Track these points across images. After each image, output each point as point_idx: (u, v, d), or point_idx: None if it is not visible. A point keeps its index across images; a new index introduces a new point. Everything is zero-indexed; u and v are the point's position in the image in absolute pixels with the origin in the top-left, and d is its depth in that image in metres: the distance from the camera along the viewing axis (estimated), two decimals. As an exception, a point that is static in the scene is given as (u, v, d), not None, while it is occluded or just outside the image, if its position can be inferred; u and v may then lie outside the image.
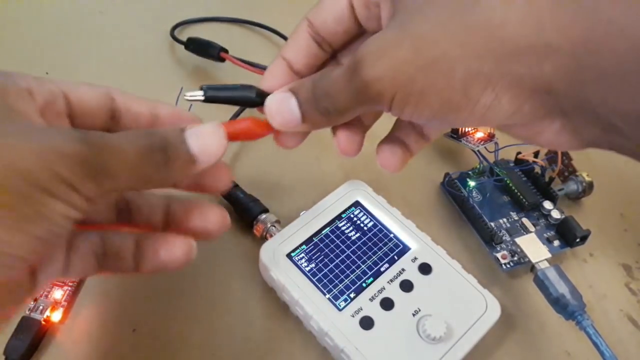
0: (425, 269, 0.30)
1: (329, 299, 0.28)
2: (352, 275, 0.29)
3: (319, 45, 0.25)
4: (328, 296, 0.28)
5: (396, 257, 0.30)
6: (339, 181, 0.34)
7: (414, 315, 0.28)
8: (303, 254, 0.30)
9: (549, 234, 0.35)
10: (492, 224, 0.35)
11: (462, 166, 0.39)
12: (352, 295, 0.28)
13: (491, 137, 0.38)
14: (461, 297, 0.29)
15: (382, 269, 0.30)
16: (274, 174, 0.37)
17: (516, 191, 0.36)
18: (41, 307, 0.28)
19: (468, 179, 0.37)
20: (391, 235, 0.31)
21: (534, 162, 0.37)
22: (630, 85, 0.16)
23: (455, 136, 0.38)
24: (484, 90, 0.19)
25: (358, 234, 0.31)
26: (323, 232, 0.31)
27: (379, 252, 0.30)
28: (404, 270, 0.30)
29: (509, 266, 0.33)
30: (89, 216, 0.23)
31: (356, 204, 0.32)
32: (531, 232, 0.34)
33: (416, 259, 0.30)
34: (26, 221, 0.17)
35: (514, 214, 0.36)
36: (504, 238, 0.34)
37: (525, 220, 0.35)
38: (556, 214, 0.35)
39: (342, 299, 0.28)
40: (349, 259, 0.30)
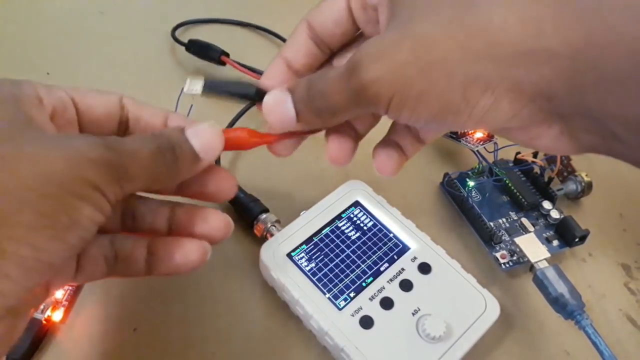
0: (424, 268, 0.30)
1: (328, 298, 0.28)
2: (352, 275, 0.29)
3: (317, 46, 0.25)
4: (328, 295, 0.28)
5: (396, 257, 0.30)
6: (339, 181, 0.34)
7: (413, 314, 0.28)
8: (303, 254, 0.30)
9: (548, 233, 0.35)
10: (492, 223, 0.35)
11: (461, 166, 0.39)
12: (352, 295, 0.28)
13: (490, 137, 0.38)
14: (460, 297, 0.29)
15: (382, 268, 0.30)
16: (274, 173, 0.37)
17: (515, 191, 0.36)
18: (42, 307, 0.28)
19: (467, 179, 0.37)
20: (391, 235, 0.31)
21: (533, 162, 0.37)
22: (629, 91, 0.16)
23: (454, 136, 0.38)
24: (483, 94, 0.19)
25: (358, 234, 0.31)
26: (323, 231, 0.31)
27: (379, 252, 0.30)
28: (403, 269, 0.30)
29: (508, 266, 0.33)
30: None
31: (356, 203, 0.33)
32: (530, 231, 0.34)
33: (416, 258, 0.30)
34: (63, 229, 0.17)
35: (513, 214, 0.36)
36: (503, 238, 0.34)
37: (525, 220, 0.35)
38: (555, 214, 0.35)
39: (342, 298, 0.28)
40: (348, 259, 0.30)
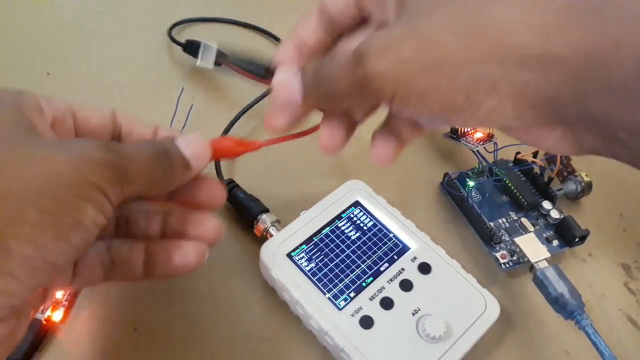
0: (424, 268, 0.30)
1: (328, 298, 0.28)
2: (352, 275, 0.29)
3: (328, 27, 0.25)
4: (328, 295, 0.28)
5: (396, 257, 0.30)
6: (339, 181, 0.34)
7: (413, 314, 0.28)
8: (303, 254, 0.30)
9: (548, 233, 0.35)
10: (492, 223, 0.35)
11: (461, 166, 0.39)
12: (352, 295, 0.28)
13: (490, 137, 0.38)
14: (460, 297, 0.29)
15: (382, 268, 0.30)
16: (274, 174, 0.37)
17: (515, 191, 0.36)
18: (42, 307, 0.28)
19: (467, 179, 0.37)
20: (391, 235, 0.31)
21: (533, 162, 0.37)
22: (633, 98, 0.17)
23: (454, 136, 0.38)
24: (488, 96, 0.19)
25: (358, 234, 0.31)
26: (323, 231, 0.31)
27: (379, 252, 0.30)
28: (403, 269, 0.30)
29: (508, 266, 0.33)
30: None
31: (356, 203, 0.33)
32: (530, 231, 0.34)
33: (416, 258, 0.30)
34: (66, 229, 0.18)
35: (513, 214, 0.36)
36: (503, 238, 0.34)
37: (525, 220, 0.35)
38: (555, 214, 0.35)
39: (342, 298, 0.28)
40: (348, 259, 0.30)
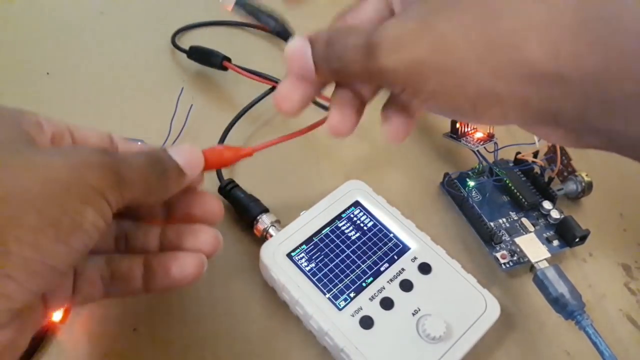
0: (425, 268, 0.30)
1: (328, 298, 0.28)
2: (352, 275, 0.29)
3: None
4: (328, 296, 0.28)
5: (396, 257, 0.30)
6: (339, 181, 0.34)
7: (413, 314, 0.28)
8: (303, 254, 0.30)
9: (548, 233, 0.35)
10: (492, 223, 0.35)
11: (461, 166, 0.39)
12: (352, 295, 0.28)
13: (491, 137, 0.38)
14: (461, 297, 0.29)
15: (382, 268, 0.30)
16: (274, 174, 0.37)
17: (515, 191, 0.36)
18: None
19: (467, 179, 0.37)
20: (391, 235, 0.31)
21: (533, 162, 0.37)
22: (634, 114, 0.17)
23: (454, 136, 0.38)
24: (493, 107, 0.19)
25: (358, 234, 0.31)
26: (323, 231, 0.31)
27: (379, 252, 0.30)
28: (403, 269, 0.30)
29: (508, 266, 0.33)
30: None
31: (356, 203, 0.33)
32: (530, 232, 0.34)
33: (416, 258, 0.30)
34: (67, 231, 0.18)
35: (513, 214, 0.36)
36: (503, 238, 0.34)
37: (525, 220, 0.35)
38: (555, 214, 0.35)
39: (342, 298, 0.28)
40: (348, 259, 0.30)
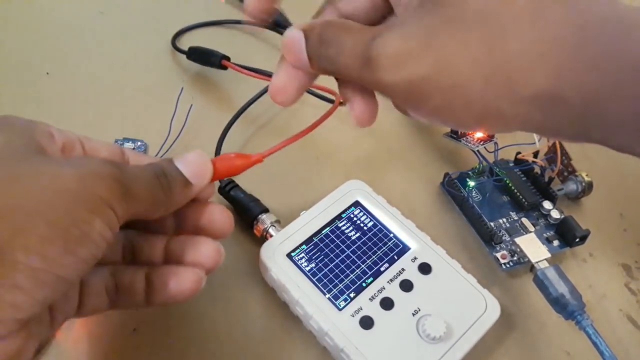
0: (425, 268, 0.30)
1: (329, 298, 0.28)
2: (352, 275, 0.29)
3: None
4: (328, 296, 0.28)
5: (396, 257, 0.30)
6: (339, 181, 0.34)
7: (413, 315, 0.28)
8: (303, 254, 0.30)
9: (548, 233, 0.35)
10: (492, 223, 0.35)
11: (461, 166, 0.39)
12: (352, 295, 0.28)
13: (491, 137, 0.37)
14: (461, 297, 0.29)
15: (382, 268, 0.30)
16: (274, 174, 0.37)
17: (516, 191, 0.36)
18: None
19: (468, 179, 0.37)
20: (391, 235, 0.31)
21: (533, 162, 0.37)
22: (629, 134, 0.18)
23: (454, 136, 0.38)
24: (497, 122, 0.20)
25: (358, 234, 0.31)
26: (323, 232, 0.31)
27: (379, 252, 0.30)
28: (403, 270, 0.30)
29: (508, 266, 0.33)
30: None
31: (356, 203, 0.32)
32: (531, 232, 0.34)
33: (416, 258, 0.30)
34: (74, 241, 0.18)
35: (513, 214, 0.36)
36: (503, 238, 0.34)
37: (525, 220, 0.35)
38: (556, 214, 0.35)
39: (342, 298, 0.28)
40: (348, 259, 0.30)
